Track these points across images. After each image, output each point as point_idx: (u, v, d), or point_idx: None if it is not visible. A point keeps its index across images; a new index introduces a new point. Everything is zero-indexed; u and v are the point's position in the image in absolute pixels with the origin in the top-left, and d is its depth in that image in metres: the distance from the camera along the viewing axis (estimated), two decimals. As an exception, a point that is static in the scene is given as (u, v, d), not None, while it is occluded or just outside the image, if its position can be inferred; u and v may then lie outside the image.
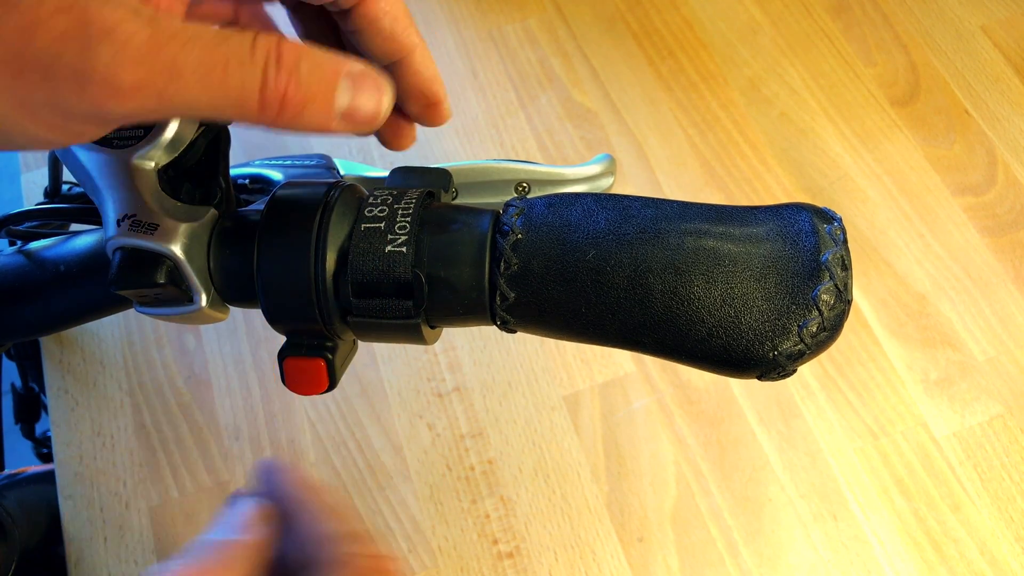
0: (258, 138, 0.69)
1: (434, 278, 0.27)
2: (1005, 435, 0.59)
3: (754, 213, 0.27)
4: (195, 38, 0.22)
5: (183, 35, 0.22)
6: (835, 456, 0.58)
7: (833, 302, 0.25)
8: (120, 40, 0.21)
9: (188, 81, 0.22)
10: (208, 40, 0.22)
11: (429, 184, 0.31)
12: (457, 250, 0.27)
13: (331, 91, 0.24)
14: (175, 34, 0.22)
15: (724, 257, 0.25)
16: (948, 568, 0.55)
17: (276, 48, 0.23)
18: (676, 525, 0.57)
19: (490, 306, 0.28)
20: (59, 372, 0.61)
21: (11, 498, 0.61)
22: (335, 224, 0.27)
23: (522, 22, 0.75)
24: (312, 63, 0.23)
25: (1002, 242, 0.65)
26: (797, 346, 0.25)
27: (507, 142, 0.70)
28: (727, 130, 0.70)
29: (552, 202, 0.28)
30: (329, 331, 0.29)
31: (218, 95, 0.23)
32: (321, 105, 0.24)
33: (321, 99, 0.24)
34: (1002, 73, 0.72)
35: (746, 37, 0.74)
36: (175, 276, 0.29)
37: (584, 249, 0.26)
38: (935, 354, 0.61)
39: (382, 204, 0.28)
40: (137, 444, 0.59)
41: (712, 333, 0.25)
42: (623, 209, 0.27)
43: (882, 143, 0.69)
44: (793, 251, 0.26)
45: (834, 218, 0.26)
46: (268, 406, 0.60)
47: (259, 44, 0.23)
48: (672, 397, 0.60)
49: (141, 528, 0.57)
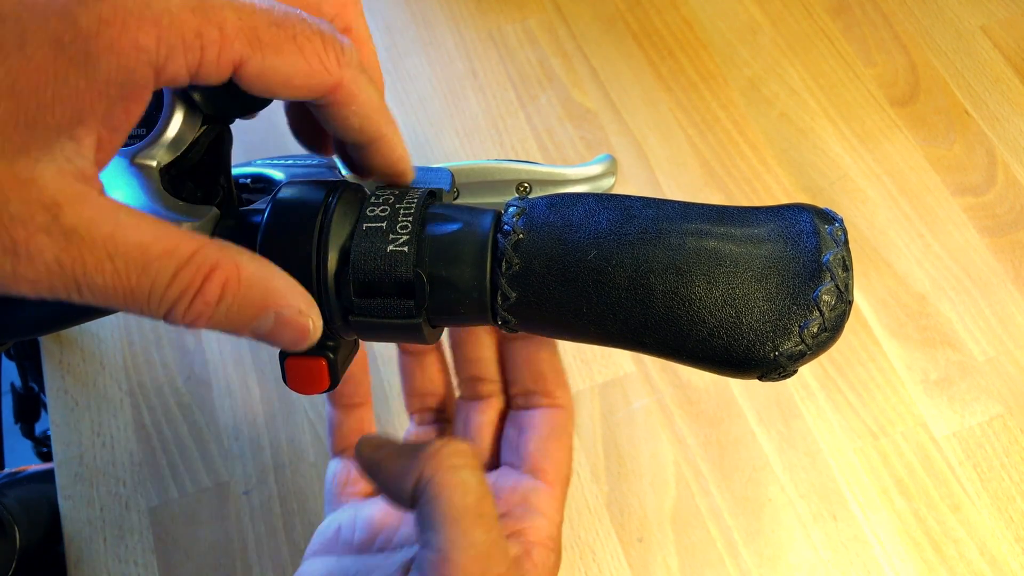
0: (258, 138, 0.69)
1: (435, 277, 0.27)
2: (1005, 435, 0.59)
3: (755, 214, 0.27)
4: (112, 257, 0.22)
5: (99, 251, 0.22)
6: (835, 456, 0.58)
7: (834, 303, 0.25)
8: (25, 257, 0.21)
9: (89, 295, 0.22)
10: (128, 260, 0.22)
11: (430, 184, 0.31)
12: (459, 249, 0.27)
13: (246, 325, 0.25)
14: (87, 252, 0.22)
15: (725, 258, 0.25)
16: (948, 568, 0.55)
17: (202, 278, 0.23)
18: (676, 525, 0.57)
19: (491, 306, 0.28)
20: (59, 372, 0.61)
21: (12, 497, 0.61)
22: (337, 224, 0.27)
23: (522, 22, 0.75)
24: (237, 299, 0.24)
25: (1002, 242, 0.65)
26: (798, 347, 0.25)
27: (507, 142, 0.70)
28: (727, 130, 0.70)
29: (553, 202, 0.28)
30: (330, 330, 0.29)
31: (120, 306, 0.23)
32: (231, 330, 0.25)
33: (234, 327, 0.25)
34: (1002, 73, 0.72)
35: (746, 37, 0.74)
36: None
37: (585, 249, 0.26)
38: (935, 354, 0.61)
39: (384, 204, 0.28)
40: (137, 444, 0.59)
41: (713, 333, 0.25)
42: (624, 209, 0.27)
43: (882, 143, 0.69)
44: (794, 252, 0.26)
45: (835, 219, 0.26)
46: (268, 406, 0.60)
47: (181, 277, 0.23)
48: (672, 397, 0.60)
49: (141, 528, 0.57)
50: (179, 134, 0.28)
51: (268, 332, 0.25)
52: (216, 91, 0.28)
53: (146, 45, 0.21)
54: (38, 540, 0.59)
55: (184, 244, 0.23)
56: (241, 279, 0.24)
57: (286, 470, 0.58)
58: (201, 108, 0.29)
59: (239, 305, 0.24)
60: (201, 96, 0.28)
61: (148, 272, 0.22)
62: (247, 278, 0.24)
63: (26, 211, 0.21)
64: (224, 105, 0.29)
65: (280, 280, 0.25)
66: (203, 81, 0.23)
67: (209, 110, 0.29)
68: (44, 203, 0.21)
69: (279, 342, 0.26)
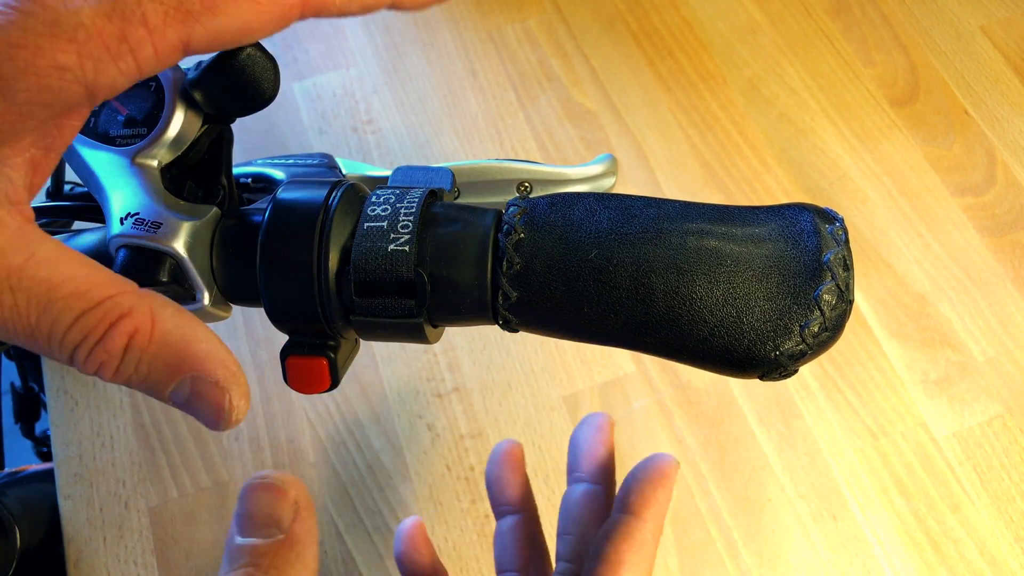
0: (258, 138, 0.69)
1: (436, 277, 0.27)
2: (1005, 435, 0.59)
3: (756, 213, 0.27)
4: (15, 290, 0.21)
5: (2, 283, 0.21)
6: (835, 456, 0.58)
7: (835, 302, 0.25)
8: None
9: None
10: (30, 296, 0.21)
11: (431, 183, 0.31)
12: (460, 249, 0.27)
13: (163, 388, 0.23)
14: None
15: (726, 257, 0.25)
16: (948, 568, 0.55)
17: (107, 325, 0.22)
18: (676, 525, 0.57)
19: (492, 305, 0.28)
20: (58, 372, 0.61)
21: (12, 496, 0.61)
22: (337, 223, 0.27)
23: (522, 22, 0.75)
24: (147, 356, 0.22)
25: (1001, 242, 0.65)
26: (799, 346, 0.25)
27: (507, 142, 0.70)
28: (727, 130, 0.70)
29: (554, 201, 0.28)
30: (331, 330, 0.29)
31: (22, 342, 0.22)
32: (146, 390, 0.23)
33: (148, 387, 0.23)
34: (1001, 73, 0.72)
35: (745, 37, 0.74)
36: (178, 274, 0.29)
37: (586, 248, 0.26)
38: (934, 354, 0.61)
39: (385, 203, 0.28)
40: (136, 444, 0.59)
41: (714, 333, 0.25)
42: (625, 209, 0.27)
43: (881, 143, 0.69)
44: (795, 251, 0.26)
45: (836, 218, 0.26)
46: (268, 407, 0.60)
47: (85, 321, 0.22)
48: (672, 397, 0.60)
49: (140, 528, 0.57)
50: (180, 133, 0.28)
51: (185, 401, 0.23)
52: (217, 91, 0.28)
53: (67, 64, 0.20)
54: (39, 540, 0.59)
55: (99, 289, 0.22)
56: (153, 334, 0.22)
57: (286, 470, 0.58)
58: (202, 107, 0.29)
59: (149, 363, 0.22)
60: (202, 95, 0.28)
61: (50, 311, 0.21)
62: (161, 334, 0.23)
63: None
64: (225, 104, 0.29)
65: (203, 344, 0.23)
66: (154, 74, 0.22)
67: (210, 109, 0.29)
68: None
69: (199, 418, 0.24)
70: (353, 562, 0.56)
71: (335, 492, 0.57)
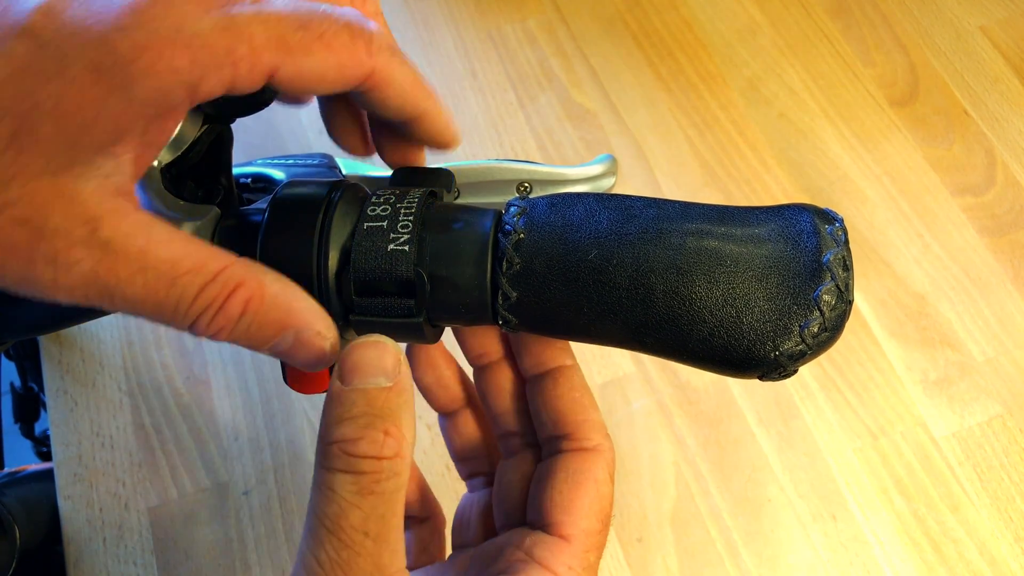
0: (258, 138, 0.69)
1: (436, 277, 0.27)
2: (1004, 435, 0.59)
3: (756, 213, 0.27)
4: (144, 270, 0.23)
5: (132, 264, 0.23)
6: (834, 456, 0.58)
7: (834, 302, 0.25)
8: (63, 267, 0.22)
9: (120, 305, 0.23)
10: (158, 274, 0.23)
11: (431, 184, 0.31)
12: (459, 249, 0.27)
13: (266, 342, 0.26)
14: (121, 264, 0.23)
15: (726, 257, 0.25)
16: (947, 568, 0.55)
17: (226, 295, 0.24)
18: (675, 525, 0.57)
19: (492, 305, 0.28)
20: (58, 372, 0.61)
21: (12, 496, 0.61)
22: (337, 223, 0.27)
23: (521, 22, 0.75)
24: (258, 317, 0.25)
25: (1001, 242, 0.65)
26: (798, 346, 0.25)
27: (506, 142, 0.70)
28: (726, 130, 0.70)
29: (554, 202, 0.28)
30: None
31: (148, 316, 0.24)
32: (251, 346, 0.26)
33: (254, 344, 0.25)
34: (1001, 73, 0.72)
35: (745, 38, 0.74)
36: None
37: (586, 249, 0.26)
38: (934, 354, 0.61)
39: (385, 203, 0.28)
40: (136, 444, 0.59)
41: (714, 333, 0.25)
42: (625, 209, 0.27)
43: (881, 143, 0.69)
44: (795, 252, 0.26)
45: (836, 219, 0.26)
46: (267, 407, 0.60)
47: (207, 293, 0.24)
48: (671, 397, 0.60)
49: (140, 528, 0.57)
50: (180, 134, 0.28)
51: (286, 351, 0.26)
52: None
53: (180, 67, 0.22)
54: (38, 540, 0.59)
55: (212, 262, 0.24)
56: (264, 298, 0.25)
57: (285, 470, 0.58)
58: (202, 108, 0.29)
59: (259, 323, 0.25)
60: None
61: (176, 286, 0.23)
62: (270, 298, 0.25)
63: (66, 225, 0.22)
64: (225, 105, 0.29)
65: (302, 301, 0.26)
66: (239, 92, 0.24)
67: (210, 110, 0.29)
68: (83, 217, 0.22)
69: (296, 361, 0.26)
70: (353, 562, 0.56)
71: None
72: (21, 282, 0.23)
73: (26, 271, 0.22)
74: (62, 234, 0.22)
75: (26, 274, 0.22)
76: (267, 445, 0.59)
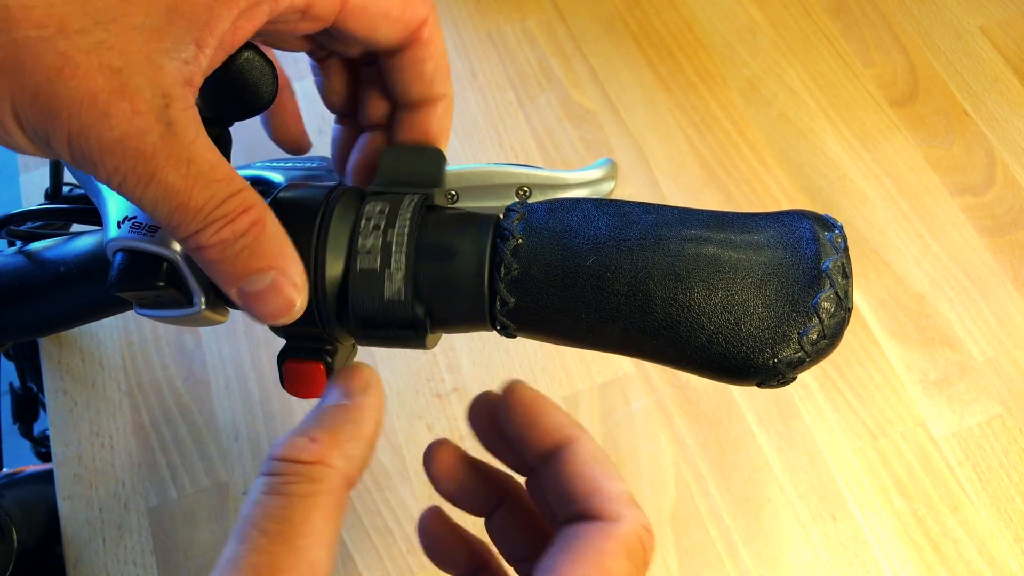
0: (257, 140, 0.68)
1: (435, 307, 0.28)
2: (1004, 435, 0.59)
3: (755, 220, 0.27)
4: (190, 162, 0.24)
5: (184, 152, 0.23)
6: (834, 456, 0.58)
7: (833, 310, 0.25)
8: (134, 131, 0.22)
9: (154, 191, 0.24)
10: (200, 170, 0.24)
11: (422, 172, 0.31)
12: (456, 277, 0.28)
13: (246, 274, 0.25)
14: (176, 147, 0.23)
15: (725, 264, 0.25)
16: (947, 568, 0.55)
17: (241, 211, 0.25)
18: (675, 526, 0.57)
19: (490, 311, 0.28)
20: (58, 372, 0.61)
21: (9, 497, 0.61)
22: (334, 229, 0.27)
23: (521, 23, 0.75)
24: (255, 242, 0.25)
25: (1001, 242, 0.65)
26: (797, 354, 0.25)
27: (506, 142, 0.70)
28: (726, 130, 0.70)
29: (553, 207, 0.28)
30: (328, 334, 0.29)
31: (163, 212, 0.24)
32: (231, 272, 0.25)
33: (235, 270, 0.25)
34: (1001, 73, 0.72)
35: (745, 38, 0.74)
36: (175, 278, 0.29)
37: (584, 255, 0.26)
38: (934, 354, 0.61)
39: (374, 229, 0.28)
40: (136, 445, 0.59)
41: (712, 340, 0.25)
42: (624, 215, 0.27)
43: (881, 143, 0.69)
44: (794, 258, 0.26)
45: (835, 226, 0.26)
46: (267, 407, 0.60)
47: (229, 203, 0.24)
48: (671, 398, 0.60)
49: (140, 529, 0.57)
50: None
51: (256, 292, 0.26)
52: (216, 94, 0.28)
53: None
54: (36, 541, 0.59)
55: (237, 178, 0.25)
56: (265, 228, 0.25)
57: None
58: (201, 110, 0.29)
59: (252, 250, 0.25)
60: (200, 99, 0.28)
61: (210, 188, 0.24)
62: (270, 230, 0.25)
63: (149, 88, 0.23)
64: (223, 108, 0.29)
65: (291, 248, 0.26)
66: (312, 19, 0.25)
67: (208, 113, 0.29)
68: (163, 89, 0.23)
69: (259, 307, 0.26)
70: (353, 562, 0.56)
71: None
72: (82, 134, 0.22)
73: (97, 123, 0.22)
74: (145, 97, 0.22)
75: (95, 126, 0.22)
76: (266, 445, 0.59)
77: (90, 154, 0.23)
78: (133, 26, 0.22)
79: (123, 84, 0.22)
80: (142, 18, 0.22)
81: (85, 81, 0.22)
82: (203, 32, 0.23)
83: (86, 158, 0.23)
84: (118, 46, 0.22)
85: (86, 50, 0.22)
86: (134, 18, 0.22)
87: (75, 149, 0.23)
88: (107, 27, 0.22)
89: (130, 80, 0.22)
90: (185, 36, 0.23)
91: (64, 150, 0.23)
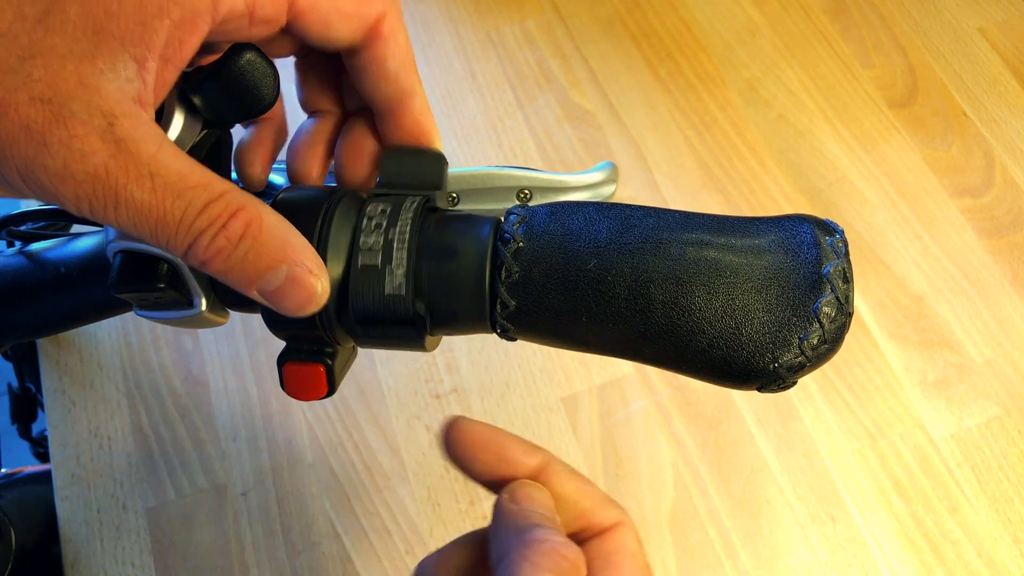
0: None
1: (435, 306, 0.28)
2: (1003, 437, 0.59)
3: (756, 224, 0.27)
4: (153, 176, 0.23)
5: (143, 167, 0.23)
6: (833, 458, 0.58)
7: (834, 314, 0.25)
8: (78, 154, 0.22)
9: (124, 212, 0.23)
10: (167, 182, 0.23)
11: (423, 175, 0.31)
12: (457, 275, 0.27)
13: (259, 276, 0.25)
14: (132, 164, 0.23)
15: (725, 268, 0.25)
16: (946, 570, 0.55)
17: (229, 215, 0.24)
18: (674, 527, 0.57)
19: (490, 314, 0.28)
20: (56, 373, 0.61)
21: (8, 498, 0.61)
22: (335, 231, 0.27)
23: (520, 23, 0.75)
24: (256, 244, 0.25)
25: (1000, 244, 0.65)
26: (798, 358, 0.25)
27: (505, 143, 0.70)
28: (725, 132, 0.70)
29: (554, 210, 0.28)
30: (328, 337, 0.29)
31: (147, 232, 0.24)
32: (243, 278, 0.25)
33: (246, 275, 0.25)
34: (1000, 75, 0.72)
35: (744, 39, 0.74)
36: (175, 279, 0.29)
37: (585, 258, 0.26)
38: (933, 356, 0.62)
39: (377, 228, 0.28)
40: (134, 445, 0.59)
41: (712, 344, 0.25)
42: (625, 219, 0.27)
43: (880, 145, 0.69)
44: (795, 263, 0.26)
45: (836, 230, 0.26)
46: (265, 407, 0.60)
47: (211, 210, 0.24)
48: (670, 399, 0.60)
49: (138, 529, 0.57)
50: (179, 138, 0.28)
51: (276, 289, 0.25)
52: (217, 96, 0.28)
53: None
54: (34, 541, 0.59)
55: (217, 182, 0.24)
56: (263, 226, 0.25)
57: (284, 471, 0.58)
58: (201, 113, 0.29)
59: (256, 251, 0.25)
60: (201, 100, 0.28)
61: (183, 198, 0.23)
62: (268, 226, 0.25)
63: (86, 112, 0.22)
64: (224, 109, 0.29)
65: (297, 238, 0.26)
66: (259, 22, 0.25)
67: (209, 115, 0.29)
68: (102, 110, 0.22)
69: (284, 303, 0.26)
70: (351, 563, 0.56)
71: (333, 493, 0.57)
72: (28, 168, 0.22)
73: (37, 154, 0.22)
74: (81, 120, 0.22)
75: (37, 158, 0.22)
76: (265, 446, 0.59)
77: (44, 185, 0.23)
78: (59, 55, 0.22)
79: (55, 113, 0.22)
80: (68, 46, 0.22)
81: (17, 117, 0.22)
82: (139, 48, 0.23)
83: (44, 190, 0.23)
84: (46, 78, 0.22)
85: (14, 88, 0.22)
86: (59, 48, 0.22)
87: (30, 183, 0.23)
88: (33, 62, 0.22)
89: (63, 107, 0.22)
90: (120, 55, 0.23)
91: (22, 186, 0.23)
